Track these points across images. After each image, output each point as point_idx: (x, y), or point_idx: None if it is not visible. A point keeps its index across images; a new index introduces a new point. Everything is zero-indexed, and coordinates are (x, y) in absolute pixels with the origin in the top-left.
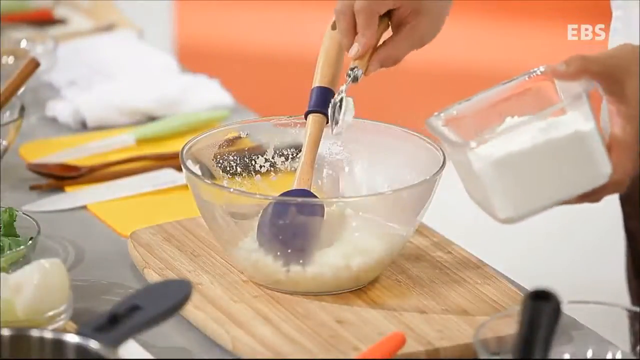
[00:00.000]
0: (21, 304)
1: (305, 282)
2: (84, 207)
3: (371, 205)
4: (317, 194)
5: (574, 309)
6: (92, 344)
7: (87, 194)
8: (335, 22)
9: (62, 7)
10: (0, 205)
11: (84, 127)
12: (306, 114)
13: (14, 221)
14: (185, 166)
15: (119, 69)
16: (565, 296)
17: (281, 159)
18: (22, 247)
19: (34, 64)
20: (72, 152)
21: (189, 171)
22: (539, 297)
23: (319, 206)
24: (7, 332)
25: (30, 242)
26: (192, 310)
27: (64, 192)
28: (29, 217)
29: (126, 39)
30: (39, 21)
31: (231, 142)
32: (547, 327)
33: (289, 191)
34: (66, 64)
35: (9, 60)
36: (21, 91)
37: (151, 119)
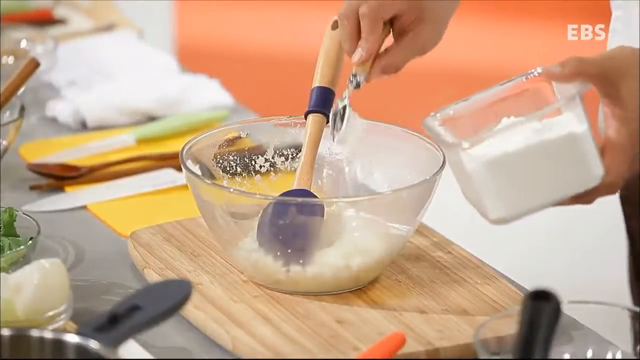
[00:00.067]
0: (21, 304)
1: (305, 282)
2: (84, 207)
3: (371, 205)
4: (317, 194)
5: (574, 309)
6: (92, 344)
7: (87, 194)
8: (335, 22)
9: (62, 7)
10: (0, 205)
11: (84, 127)
12: (306, 114)
13: (14, 221)
14: (185, 166)
15: (119, 69)
16: (565, 296)
17: (281, 159)
18: (22, 247)
19: (34, 64)
20: (72, 152)
21: (189, 171)
22: (539, 297)
23: (319, 206)
24: (7, 332)
25: (30, 242)
26: (192, 310)
27: (64, 192)
28: (29, 217)
29: (126, 39)
30: (39, 21)
31: (231, 142)
32: (547, 327)
33: (289, 191)
34: (66, 64)
35: (9, 60)
36: (21, 91)
37: (151, 119)
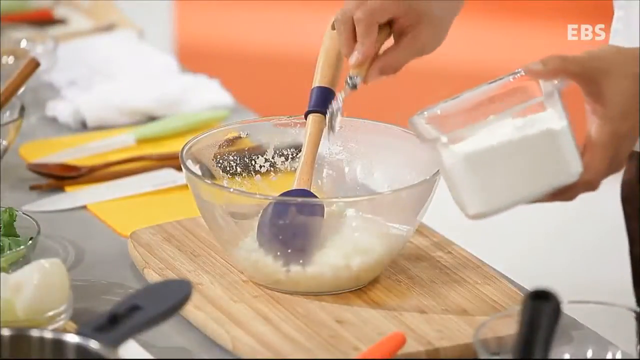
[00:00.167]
0: (21, 304)
1: (305, 282)
2: (84, 207)
3: (371, 205)
4: (317, 194)
5: (574, 309)
6: (92, 344)
7: (87, 194)
8: (334, 24)
9: (62, 7)
10: (0, 205)
11: (84, 127)
12: (306, 114)
13: (14, 221)
14: (185, 166)
15: (119, 69)
16: (565, 296)
17: (281, 159)
18: (22, 247)
19: (34, 64)
20: (72, 152)
21: (189, 171)
22: (539, 297)
23: (319, 206)
24: (7, 332)
25: (30, 242)
26: (192, 310)
27: (64, 192)
28: (29, 217)
29: (126, 39)
30: (39, 21)
31: (231, 142)
32: (547, 327)
33: (289, 191)
34: (66, 64)
35: (9, 60)
36: (21, 91)
37: (151, 119)
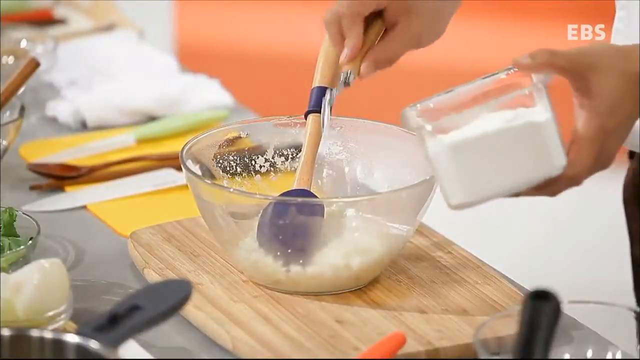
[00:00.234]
0: (21, 304)
1: (305, 282)
2: (84, 207)
3: (371, 205)
4: (317, 194)
5: (574, 309)
6: (92, 344)
7: (87, 194)
8: None
9: (62, 7)
10: (0, 205)
11: (84, 127)
12: (306, 114)
13: (14, 221)
14: (185, 166)
15: (119, 69)
16: (565, 296)
17: (281, 159)
18: (22, 247)
19: (34, 64)
20: (72, 152)
21: (189, 171)
22: (539, 297)
23: (319, 206)
24: (7, 332)
25: (30, 242)
26: (192, 310)
27: (64, 192)
28: (29, 217)
29: (126, 39)
30: (39, 21)
31: (231, 142)
32: (547, 327)
33: (289, 191)
34: (66, 64)
35: (9, 60)
36: (21, 91)
37: (151, 119)
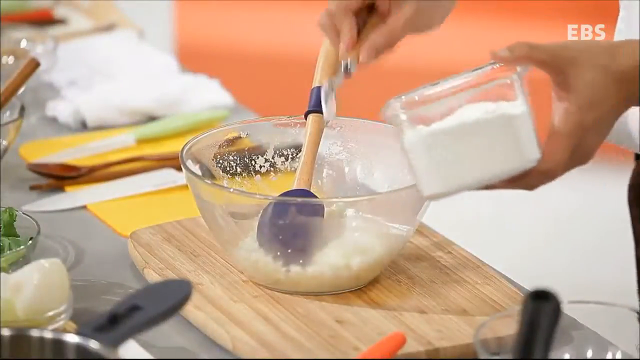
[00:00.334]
0: (21, 304)
1: (305, 282)
2: (84, 207)
3: (371, 205)
4: (317, 194)
5: (574, 309)
6: (92, 344)
7: (87, 194)
8: None
9: (62, 7)
10: (0, 205)
11: (84, 127)
12: (306, 114)
13: (14, 221)
14: (185, 166)
15: (119, 69)
16: (565, 296)
17: (281, 159)
18: (22, 247)
19: (34, 64)
20: (72, 152)
21: (189, 171)
22: (539, 297)
23: (319, 206)
24: (7, 332)
25: (30, 242)
26: (192, 310)
27: (64, 192)
28: (29, 217)
29: (126, 39)
30: (39, 21)
31: (231, 142)
32: (547, 327)
33: (289, 191)
34: (66, 64)
35: (9, 60)
36: (21, 91)
37: (151, 119)
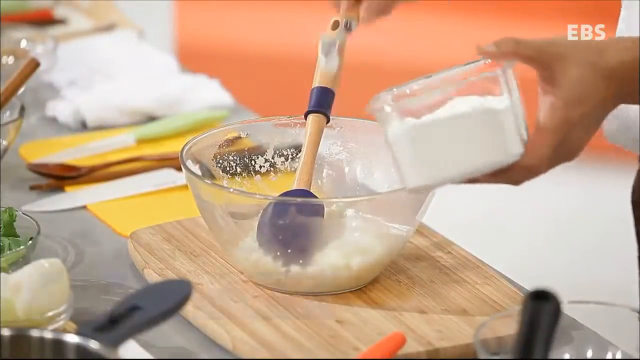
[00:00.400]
0: (21, 304)
1: (305, 282)
2: (84, 207)
3: (371, 205)
4: (317, 194)
5: (574, 309)
6: (92, 344)
7: (87, 194)
8: (335, 23)
9: (62, 7)
10: (0, 205)
11: (84, 127)
12: (306, 114)
13: (14, 221)
14: (185, 166)
15: (119, 69)
16: (565, 296)
17: (281, 159)
18: (22, 247)
19: (34, 64)
20: (72, 152)
21: (189, 171)
22: (539, 297)
23: (319, 206)
24: (7, 332)
25: (30, 242)
26: (192, 310)
27: (64, 192)
28: (29, 217)
29: (126, 39)
30: (39, 21)
31: (231, 142)
32: (547, 327)
33: (289, 191)
34: (66, 64)
35: (9, 60)
36: (21, 91)
37: (151, 119)
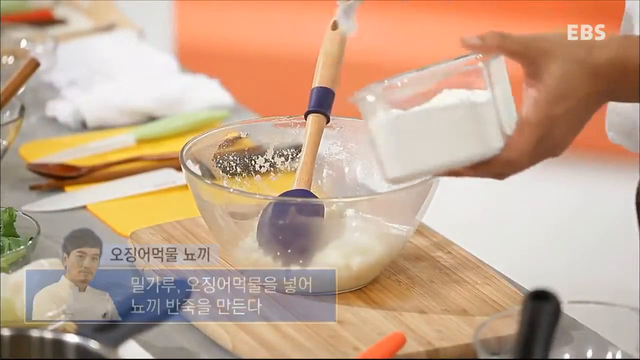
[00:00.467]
0: (21, 303)
1: (305, 282)
2: (84, 207)
3: (371, 205)
4: (317, 194)
5: (574, 309)
6: (92, 344)
7: (87, 194)
8: (334, 23)
9: (62, 7)
10: (0, 205)
11: (84, 127)
12: (306, 114)
13: (14, 221)
14: (185, 166)
15: (119, 69)
16: (565, 296)
17: (281, 159)
18: (22, 247)
19: (34, 64)
20: (72, 152)
21: (189, 171)
22: (539, 297)
23: (319, 206)
24: (7, 332)
25: (30, 242)
26: (192, 310)
27: (64, 192)
28: (29, 217)
29: (126, 39)
30: (39, 21)
31: (231, 142)
32: (547, 327)
33: (288, 191)
34: (66, 64)
35: (9, 60)
36: (21, 91)
37: (151, 119)
